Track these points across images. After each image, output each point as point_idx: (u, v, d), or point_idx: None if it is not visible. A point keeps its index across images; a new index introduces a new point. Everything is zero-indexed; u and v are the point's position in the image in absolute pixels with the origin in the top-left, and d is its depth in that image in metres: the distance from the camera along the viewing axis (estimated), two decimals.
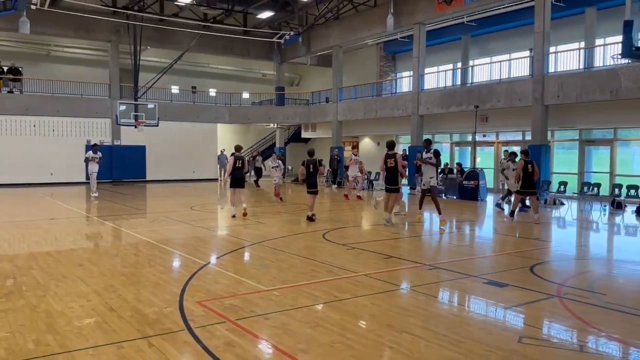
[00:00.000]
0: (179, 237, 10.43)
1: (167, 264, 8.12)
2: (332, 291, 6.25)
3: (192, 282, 6.63)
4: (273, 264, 7.90)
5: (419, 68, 23.42)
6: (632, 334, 4.94)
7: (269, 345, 4.56)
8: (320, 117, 30.43)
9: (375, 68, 30.79)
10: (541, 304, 5.88)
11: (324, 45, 28.99)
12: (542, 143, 18.64)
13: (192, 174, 29.93)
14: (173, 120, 28.41)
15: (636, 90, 14.89)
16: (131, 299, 5.89)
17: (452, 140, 26.07)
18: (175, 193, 22.01)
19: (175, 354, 4.33)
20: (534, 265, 7.92)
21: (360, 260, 8.18)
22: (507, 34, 23.71)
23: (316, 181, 12.75)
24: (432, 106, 22.91)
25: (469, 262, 8.35)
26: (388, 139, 14.74)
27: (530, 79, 19.02)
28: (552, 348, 4.60)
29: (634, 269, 8.14)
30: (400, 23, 23.71)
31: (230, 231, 11.32)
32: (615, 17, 17.29)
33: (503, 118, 21.18)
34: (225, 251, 8.95)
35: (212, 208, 17.01)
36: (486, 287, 6.65)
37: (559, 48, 20.45)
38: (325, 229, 11.21)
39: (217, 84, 33.52)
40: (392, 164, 11.61)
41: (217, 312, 5.37)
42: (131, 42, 25.62)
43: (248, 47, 31.21)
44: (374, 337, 4.76)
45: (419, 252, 9.39)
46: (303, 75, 38.05)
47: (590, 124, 19.45)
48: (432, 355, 4.33)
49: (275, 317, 5.24)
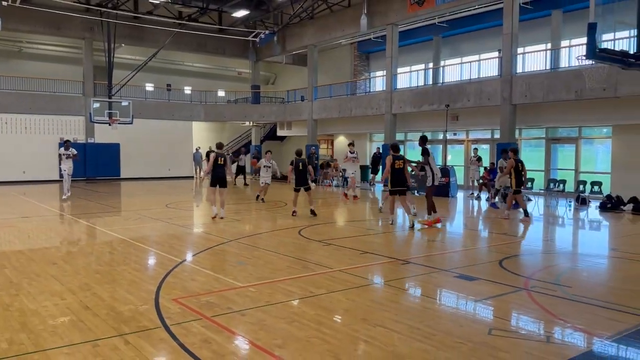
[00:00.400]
0: (155, 235, 10.39)
1: (143, 261, 8.10)
2: (308, 287, 6.35)
3: (168, 280, 6.65)
4: (249, 260, 7.96)
5: (392, 68, 23.71)
6: (596, 324, 5.15)
7: (245, 341, 4.62)
8: (296, 115, 30.50)
9: (349, 67, 30.99)
10: (510, 296, 6.09)
11: (299, 44, 29.05)
12: (510, 141, 19.08)
13: (168, 172, 29.66)
14: (148, 118, 28.09)
15: (600, 90, 15.39)
16: (106, 297, 5.89)
17: None
18: (150, 191, 21.80)
19: (152, 351, 4.36)
20: (503, 259, 8.16)
21: (336, 256, 8.30)
22: (477, 35, 24.17)
23: (305, 179, 12.96)
24: (404, 105, 23.21)
25: (441, 257, 8.55)
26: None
27: (499, 79, 19.45)
28: (520, 339, 4.77)
29: (597, 262, 8.45)
30: (373, 23, 23.95)
31: (206, 228, 11.32)
32: (580, 19, 17.80)
33: (473, 117, 21.61)
34: (202, 248, 8.96)
35: (187, 206, 16.92)
36: (457, 281, 6.84)
37: (526, 49, 20.94)
38: (302, 226, 11.29)
39: (192, 82, 33.26)
40: (401, 165, 11.37)
41: (193, 309, 5.41)
42: (105, 39, 25.25)
43: (223, 46, 31.04)
44: (349, 331, 4.87)
45: (392, 248, 9.57)
46: (278, 74, 38.02)
47: (556, 123, 20.01)
48: (405, 347, 4.46)
49: (252, 313, 5.31)
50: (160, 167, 29.50)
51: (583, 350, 4.49)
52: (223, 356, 4.23)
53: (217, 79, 35.27)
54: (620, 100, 16.34)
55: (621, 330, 4.90)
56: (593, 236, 11.95)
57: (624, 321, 5.16)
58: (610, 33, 9.57)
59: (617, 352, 4.48)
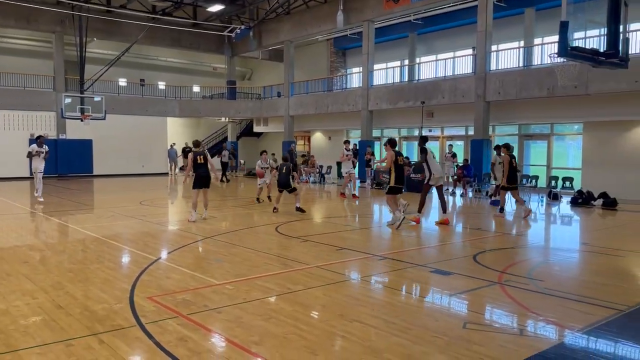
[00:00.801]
0: (129, 233, 10.24)
1: (117, 259, 7.97)
2: (285, 283, 6.34)
3: (143, 278, 6.56)
4: (226, 257, 7.91)
5: (368, 64, 23.80)
6: (568, 317, 5.26)
7: (222, 338, 4.59)
8: (272, 111, 30.39)
9: (325, 63, 31.00)
10: (484, 290, 6.18)
11: (275, 39, 28.93)
12: (484, 138, 19.41)
13: (141, 169, 29.27)
14: (121, 113, 27.68)
15: (571, 87, 15.74)
16: (79, 295, 5.78)
17: (400, 135, 26.63)
18: (124, 188, 21.47)
19: (127, 350, 4.30)
20: (477, 254, 8.29)
21: (313, 253, 8.31)
22: (452, 32, 24.43)
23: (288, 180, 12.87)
24: (380, 102, 23.33)
25: (417, 252, 8.63)
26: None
27: (473, 76, 19.71)
28: (494, 332, 4.85)
29: (568, 256, 8.64)
30: (349, 20, 24.00)
31: (181, 226, 11.20)
32: (552, 17, 18.16)
33: (448, 114, 21.87)
34: (177, 246, 8.87)
35: (162, 203, 16.72)
36: (432, 276, 6.93)
37: (500, 47, 21.26)
38: (279, 223, 11.27)
39: (166, 77, 32.85)
40: (402, 161, 11.02)
41: (169, 307, 5.35)
42: (76, 33, 24.73)
43: (198, 40, 30.72)
44: (326, 327, 4.88)
45: (369, 244, 9.62)
46: (255, 70, 37.81)
47: (529, 120, 20.39)
48: (382, 342, 4.49)
49: (228, 311, 5.28)
50: (134, 164, 29.08)
51: (555, 343, 4.59)
52: (199, 354, 4.19)
53: (192, 74, 34.91)
54: (591, 97, 16.73)
55: (592, 322, 5.02)
56: (564, 231, 12.22)
57: (594, 314, 5.29)
58: (582, 31, 9.78)
59: (588, 344, 4.59)
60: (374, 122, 24.28)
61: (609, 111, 17.05)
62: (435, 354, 4.27)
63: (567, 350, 4.43)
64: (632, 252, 8.88)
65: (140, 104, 29.44)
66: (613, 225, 12.55)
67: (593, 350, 4.46)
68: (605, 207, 15.01)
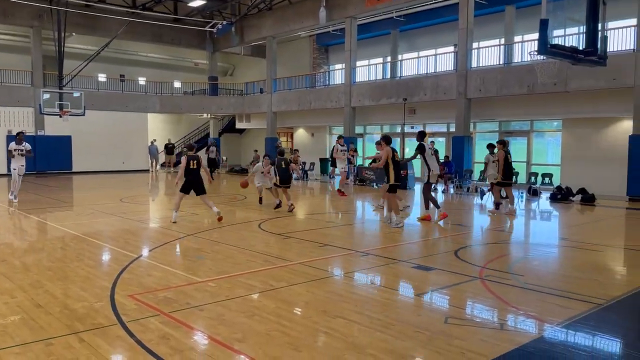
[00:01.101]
0: (109, 230, 10.12)
1: (97, 257, 7.88)
2: (268, 280, 6.33)
3: (124, 276, 6.49)
4: (208, 255, 7.87)
5: (351, 61, 23.82)
6: (547, 311, 5.34)
7: (204, 336, 4.57)
8: (255, 107, 30.26)
9: (308, 60, 30.95)
10: (465, 285, 6.25)
11: (257, 35, 28.78)
12: (465, 134, 19.59)
13: (122, 165, 28.90)
14: (100, 109, 27.30)
15: (551, 85, 15.97)
16: (59, 294, 5.70)
17: (382, 132, 26.71)
18: (104, 185, 21.21)
19: (107, 348, 4.26)
20: (458, 249, 8.37)
21: (296, 249, 8.30)
22: (433, 29, 24.58)
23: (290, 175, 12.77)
24: (363, 98, 23.39)
25: (399, 248, 8.68)
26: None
27: (455, 73, 19.87)
28: (475, 327, 4.90)
29: (548, 252, 8.77)
30: (332, 16, 23.98)
31: (163, 223, 11.10)
32: (532, 15, 18.35)
33: (429, 110, 22.01)
34: (158, 243, 8.79)
35: (143, 200, 16.55)
36: (414, 272, 6.98)
37: (481, 44, 21.46)
38: (262, 219, 11.24)
39: (147, 73, 32.47)
40: (398, 158, 10.71)
41: (151, 305, 5.30)
42: (55, 28, 24.29)
43: (179, 36, 30.40)
44: (310, 323, 4.89)
45: (351, 240, 9.64)
46: (237, 65, 37.58)
47: (509, 117, 20.62)
48: (365, 338, 4.51)
49: (211, 308, 5.26)
50: (114, 160, 28.71)
51: (535, 337, 4.66)
52: (181, 352, 4.17)
53: (173, 69, 34.56)
54: (570, 94, 16.99)
55: (571, 316, 5.10)
56: (544, 226, 12.40)
57: (573, 308, 5.38)
58: (561, 29, 9.92)
59: (567, 337, 4.66)
60: (356, 118, 24.33)
61: (587, 108, 17.32)
62: (418, 348, 4.30)
63: (546, 344, 4.50)
64: (609, 247, 9.05)
65: (120, 100, 29.07)
66: (591, 220, 12.77)
67: (572, 343, 4.53)
68: (583, 203, 15.26)
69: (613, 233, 10.84)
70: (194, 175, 10.74)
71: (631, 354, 4.42)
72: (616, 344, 4.60)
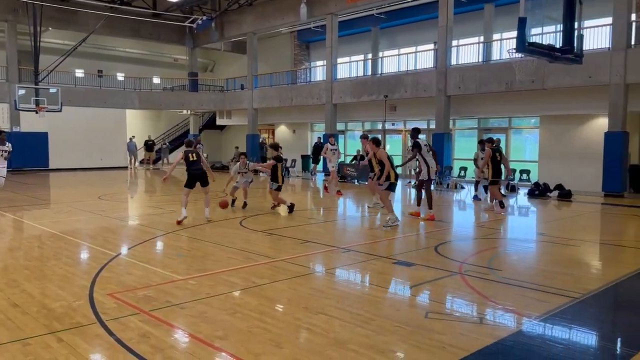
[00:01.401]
0: (87, 228, 9.98)
1: (75, 256, 7.77)
2: (250, 277, 6.32)
3: (103, 274, 6.42)
4: (189, 252, 7.82)
5: (332, 58, 23.84)
6: (525, 305, 5.43)
7: (185, 334, 4.54)
8: (236, 104, 30.08)
9: (289, 56, 30.88)
10: (445, 280, 6.32)
11: (238, 31, 28.60)
12: (445, 131, 19.78)
13: (100, 162, 28.51)
14: (78, 105, 26.85)
15: (528, 82, 16.19)
16: (36, 293, 5.61)
17: (363, 129, 26.81)
18: (82, 182, 20.90)
19: (86, 347, 4.21)
20: (438, 245, 8.46)
21: (278, 246, 8.30)
22: (414, 27, 24.73)
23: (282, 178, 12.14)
24: (344, 95, 23.43)
25: (380, 244, 8.73)
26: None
27: (435, 70, 20.03)
28: (455, 321, 4.96)
29: (525, 246, 8.91)
30: (313, 13, 23.94)
31: (142, 221, 10.99)
32: (511, 13, 18.57)
33: (410, 107, 22.15)
34: (138, 241, 8.70)
35: (122, 197, 16.36)
36: (395, 267, 7.03)
37: (460, 42, 21.64)
38: (243, 216, 11.20)
39: (125, 68, 32.04)
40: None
41: (130, 304, 5.25)
42: (30, 22, 23.76)
43: (158, 31, 30.05)
44: (291, 319, 4.90)
45: (333, 236, 9.67)
46: (217, 61, 37.30)
47: (488, 114, 20.88)
48: (346, 333, 4.53)
49: (192, 306, 5.23)
50: (92, 157, 28.31)
51: (513, 330, 4.73)
52: (162, 350, 4.14)
53: (152, 65, 34.18)
54: (547, 92, 17.26)
55: (548, 310, 5.19)
56: (522, 222, 12.58)
57: (550, 301, 5.48)
58: (539, 28, 10.07)
59: (545, 331, 4.75)
60: (338, 115, 24.37)
61: (564, 105, 17.61)
62: (398, 343, 4.34)
63: (525, 338, 4.58)
64: (585, 242, 9.23)
65: (98, 96, 28.64)
66: (568, 216, 13.00)
67: (549, 337, 4.62)
68: (560, 199, 15.53)
69: (589, 228, 11.05)
70: (195, 167, 10.37)
71: (606, 346, 4.53)
72: (592, 337, 4.70)
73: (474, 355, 4.10)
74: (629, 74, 15.30)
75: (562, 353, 4.17)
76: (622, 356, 4.21)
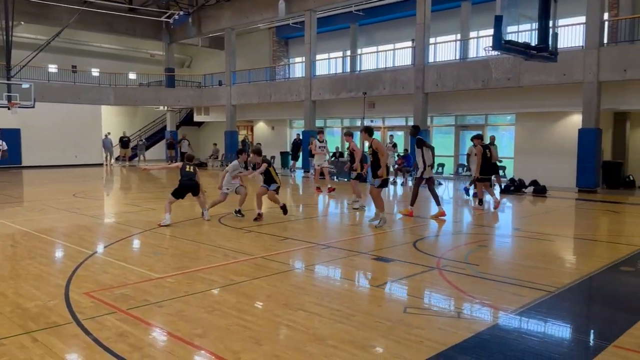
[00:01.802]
0: (62, 226, 9.80)
1: (50, 255, 7.62)
2: (229, 275, 6.29)
3: (79, 273, 6.32)
4: (166, 250, 7.74)
5: (311, 54, 23.80)
6: (502, 299, 5.52)
7: (163, 332, 4.50)
8: (214, 100, 29.83)
9: (268, 52, 30.73)
10: (423, 276, 6.38)
11: (216, 27, 28.35)
12: (423, 128, 19.90)
13: (75, 159, 28.01)
14: (51, 101, 26.31)
15: (504, 80, 16.40)
16: (10, 293, 5.49)
17: (342, 125, 26.87)
18: (56, 179, 20.51)
19: (62, 347, 4.14)
20: (416, 240, 8.54)
21: (257, 243, 8.27)
22: (392, 24, 24.83)
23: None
24: (323, 92, 23.42)
25: (359, 240, 8.77)
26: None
27: (413, 68, 20.16)
28: (433, 316, 5.02)
29: (501, 241, 9.05)
30: (291, 9, 23.86)
31: (118, 218, 10.84)
32: (487, 11, 18.83)
33: (388, 104, 22.27)
34: (114, 239, 8.58)
35: (97, 195, 16.10)
36: (374, 263, 7.07)
37: (438, 39, 21.82)
38: (222, 214, 11.12)
39: (100, 64, 31.49)
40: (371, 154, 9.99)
41: (107, 303, 5.18)
42: (2, 16, 23.14)
43: (134, 26, 29.60)
44: (271, 316, 4.89)
45: (312, 233, 9.68)
46: (194, 57, 36.90)
47: (465, 111, 21.12)
48: (326, 329, 4.54)
49: (170, 304, 5.18)
50: (67, 154, 27.81)
51: (490, 324, 4.80)
52: (140, 349, 4.10)
53: (127, 60, 33.66)
54: (523, 89, 17.53)
55: (524, 304, 5.29)
56: (498, 217, 12.74)
57: (526, 295, 5.57)
58: (515, 26, 10.18)
59: (521, 324, 4.83)
60: (317, 112, 24.36)
61: (539, 103, 17.91)
62: (378, 338, 4.37)
63: (501, 331, 4.65)
64: (560, 237, 9.41)
65: (73, 92, 28.09)
66: (543, 211, 13.23)
67: (525, 330, 4.70)
68: (535, 194, 15.79)
69: (563, 223, 11.27)
70: (189, 177, 9.98)
71: (580, 338, 4.63)
72: (566, 330, 4.80)
73: (452, 349, 4.15)
74: (602, 72, 15.63)
75: (537, 346, 4.25)
76: (595, 348, 4.31)
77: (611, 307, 5.32)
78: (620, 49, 15.70)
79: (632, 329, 4.60)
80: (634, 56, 15.08)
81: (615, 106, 16.76)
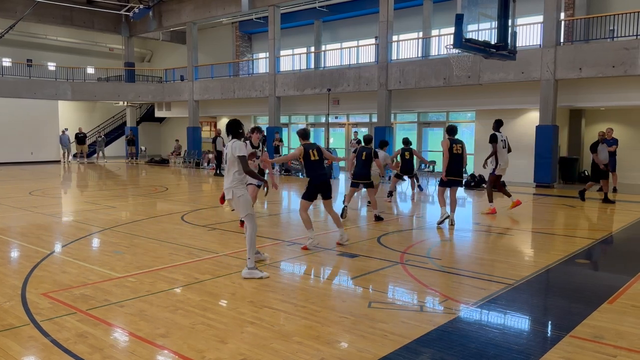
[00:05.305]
0: (18, 226, 9.47)
1: (5, 254, 7.35)
2: (192, 273, 6.21)
3: (36, 273, 6.13)
4: (127, 249, 7.58)
5: (275, 50, 23.67)
6: (463, 292, 5.65)
7: (125, 333, 4.42)
8: (175, 95, 29.31)
9: (231, 47, 30.38)
10: (387, 270, 6.46)
11: (177, 20, 27.83)
12: (387, 125, 20.15)
13: (30, 156, 27.09)
14: (5, 96, 25.42)
15: (465, 77, 16.76)
16: None
17: (307, 122, 26.86)
18: (11, 177, 19.77)
19: (19, 350, 4.02)
20: (380, 236, 8.63)
21: (221, 241, 8.19)
22: (356, 21, 24.96)
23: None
24: (288, 88, 23.35)
25: (324, 237, 8.78)
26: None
27: (376, 65, 20.32)
28: (397, 310, 5.09)
29: (463, 236, 9.23)
30: (254, 4, 23.66)
31: (77, 217, 10.55)
32: (449, 10, 19.15)
33: (352, 101, 22.40)
34: (73, 238, 8.35)
35: (55, 193, 15.62)
36: (339, 259, 7.12)
37: (400, 37, 22.06)
38: (184, 211, 10.97)
39: (57, 57, 30.50)
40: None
41: (66, 303, 5.05)
42: None
43: (92, 19, 28.78)
44: (236, 314, 4.86)
45: (277, 230, 9.66)
46: (155, 51, 36.14)
47: (427, 108, 21.45)
48: (291, 325, 4.55)
49: (132, 304, 5.08)
50: (22, 151, 26.86)
51: (452, 317, 4.90)
52: (101, 350, 4.01)
53: (85, 54, 32.70)
54: (483, 87, 17.91)
55: (484, 296, 5.42)
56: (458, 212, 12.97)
57: (486, 288, 5.72)
58: (475, 24, 10.37)
59: (481, 316, 4.95)
60: (281, 108, 24.26)
61: (498, 100, 18.33)
62: (343, 333, 4.40)
63: (463, 324, 4.76)
64: (518, 231, 9.68)
65: (28, 86, 27.11)
66: (502, 206, 13.54)
67: (486, 322, 4.82)
68: (495, 190, 16.13)
69: (521, 218, 11.57)
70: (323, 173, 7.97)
71: (537, 328, 4.78)
72: (525, 321, 4.95)
73: (415, 342, 4.23)
74: (559, 70, 16.11)
75: (497, 337, 4.37)
76: (552, 338, 4.46)
77: (567, 299, 5.51)
78: (575, 48, 16.22)
79: (588, 319, 4.78)
80: (588, 55, 15.60)
81: (571, 103, 17.30)
